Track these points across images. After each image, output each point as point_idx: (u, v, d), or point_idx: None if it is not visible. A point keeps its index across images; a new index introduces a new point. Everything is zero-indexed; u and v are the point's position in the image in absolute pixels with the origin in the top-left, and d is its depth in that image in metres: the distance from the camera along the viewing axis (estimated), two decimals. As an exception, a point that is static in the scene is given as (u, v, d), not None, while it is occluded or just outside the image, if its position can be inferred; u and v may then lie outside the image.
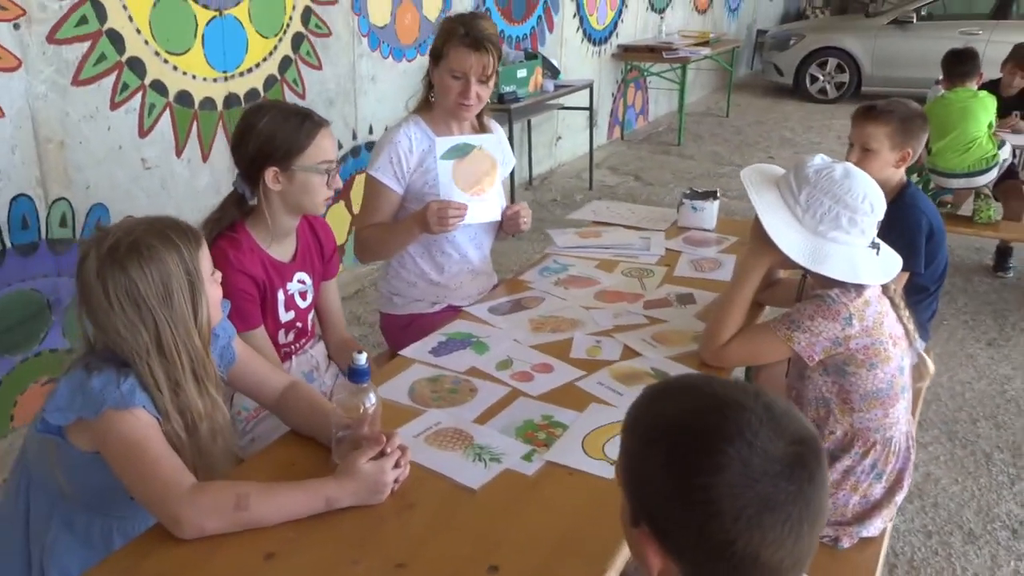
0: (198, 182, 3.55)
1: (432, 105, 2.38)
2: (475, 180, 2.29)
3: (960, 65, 4.38)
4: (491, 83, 2.30)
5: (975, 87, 4.31)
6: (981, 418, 3.31)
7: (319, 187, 1.89)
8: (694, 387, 0.89)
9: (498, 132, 2.49)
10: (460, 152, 2.27)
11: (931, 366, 1.94)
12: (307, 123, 1.87)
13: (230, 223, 1.88)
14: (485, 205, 2.31)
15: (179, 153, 3.44)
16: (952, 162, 4.12)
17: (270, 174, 1.85)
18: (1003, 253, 4.76)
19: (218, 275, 1.49)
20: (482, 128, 2.45)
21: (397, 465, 1.38)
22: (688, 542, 0.83)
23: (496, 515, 1.36)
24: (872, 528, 1.81)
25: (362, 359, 1.40)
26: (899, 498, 1.84)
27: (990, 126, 4.13)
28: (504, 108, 4.86)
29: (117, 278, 1.34)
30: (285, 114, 1.87)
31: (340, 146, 4.32)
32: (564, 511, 1.38)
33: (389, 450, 1.38)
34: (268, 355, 1.85)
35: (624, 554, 1.27)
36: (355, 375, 1.40)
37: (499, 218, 2.37)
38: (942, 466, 2.99)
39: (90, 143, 3.06)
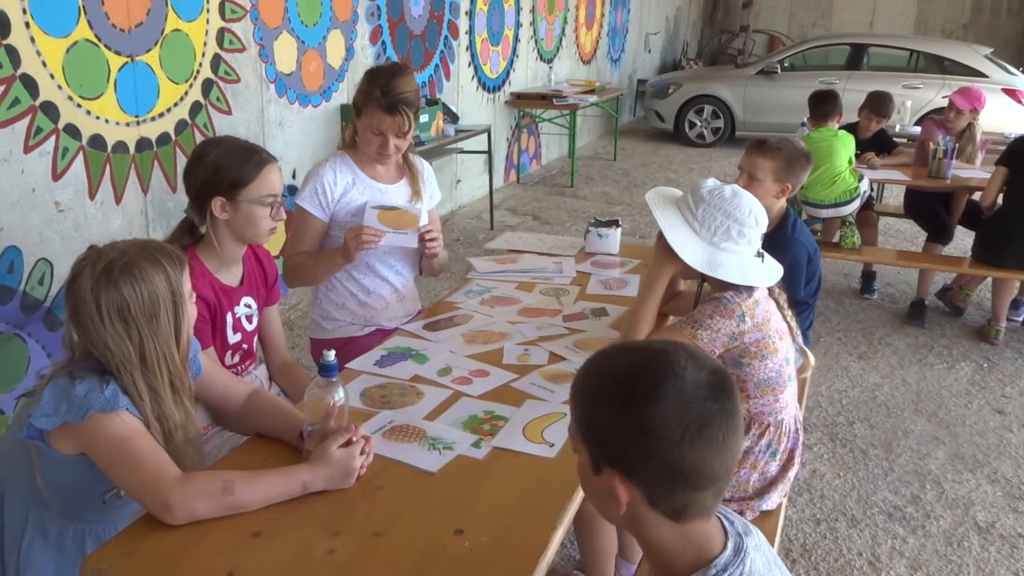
0: (111, 224, 3.58)
1: (358, 145, 2.53)
2: (396, 226, 2.44)
3: (822, 105, 4.84)
4: (409, 135, 2.47)
5: (835, 126, 4.80)
6: (857, 420, 3.68)
7: (263, 218, 2.02)
8: (629, 349, 1.11)
9: (426, 169, 2.69)
10: (386, 207, 2.45)
11: (812, 358, 2.23)
12: (254, 157, 2.01)
13: (181, 249, 1.99)
14: (404, 237, 2.45)
15: (92, 196, 3.47)
16: (821, 194, 4.58)
17: (217, 204, 1.98)
18: (867, 277, 5.29)
19: (194, 296, 1.63)
20: (407, 165, 2.61)
21: (362, 453, 1.54)
22: (648, 468, 1.01)
23: (455, 491, 1.54)
24: (770, 502, 2.07)
25: (331, 356, 1.56)
26: (791, 474, 2.10)
27: (850, 162, 4.62)
28: (408, 151, 5.08)
29: (110, 295, 1.47)
30: (234, 148, 2.00)
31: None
32: (514, 484, 1.57)
33: (355, 438, 1.54)
34: (220, 373, 1.96)
35: (571, 513, 1.47)
36: (324, 370, 1.56)
37: (415, 245, 2.49)
38: (826, 463, 3.32)
39: (3, 186, 3.07)
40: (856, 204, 4.61)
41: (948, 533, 2.90)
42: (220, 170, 1.97)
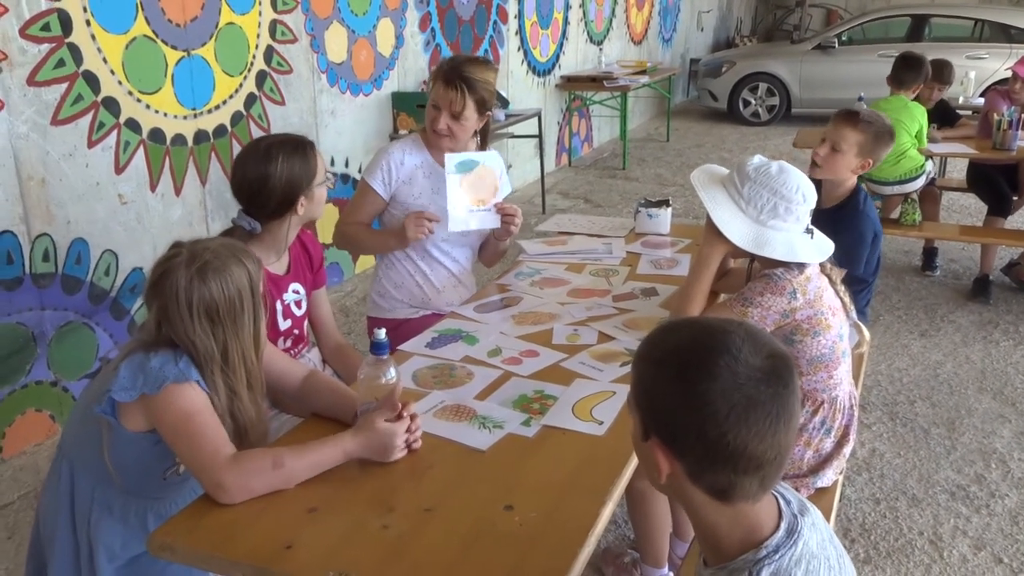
0: (172, 215, 3.69)
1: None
2: (479, 193, 2.49)
3: (905, 71, 4.58)
4: (463, 121, 2.46)
5: (910, 97, 4.57)
6: (918, 399, 3.60)
7: (324, 195, 2.14)
8: (692, 323, 1.13)
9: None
10: (467, 167, 2.47)
11: (867, 333, 2.20)
12: (308, 150, 2.08)
13: None
14: (487, 215, 2.51)
15: (153, 188, 3.58)
16: (886, 172, 4.46)
17: (300, 205, 2.06)
18: (929, 254, 5.15)
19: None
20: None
21: (409, 431, 1.57)
22: (691, 441, 1.01)
23: (505, 468, 1.56)
24: (825, 479, 2.05)
25: (381, 334, 1.60)
26: (847, 451, 2.08)
27: (920, 131, 4.44)
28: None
29: (202, 294, 1.53)
30: (287, 151, 2.04)
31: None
32: (563, 462, 1.58)
33: (404, 415, 1.57)
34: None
35: (620, 488, 1.48)
36: (376, 348, 1.60)
37: (498, 225, 2.54)
38: (886, 442, 3.26)
39: (69, 180, 3.19)
40: (922, 181, 4.49)
41: (1014, 512, 2.82)
42: (292, 179, 2.03)
